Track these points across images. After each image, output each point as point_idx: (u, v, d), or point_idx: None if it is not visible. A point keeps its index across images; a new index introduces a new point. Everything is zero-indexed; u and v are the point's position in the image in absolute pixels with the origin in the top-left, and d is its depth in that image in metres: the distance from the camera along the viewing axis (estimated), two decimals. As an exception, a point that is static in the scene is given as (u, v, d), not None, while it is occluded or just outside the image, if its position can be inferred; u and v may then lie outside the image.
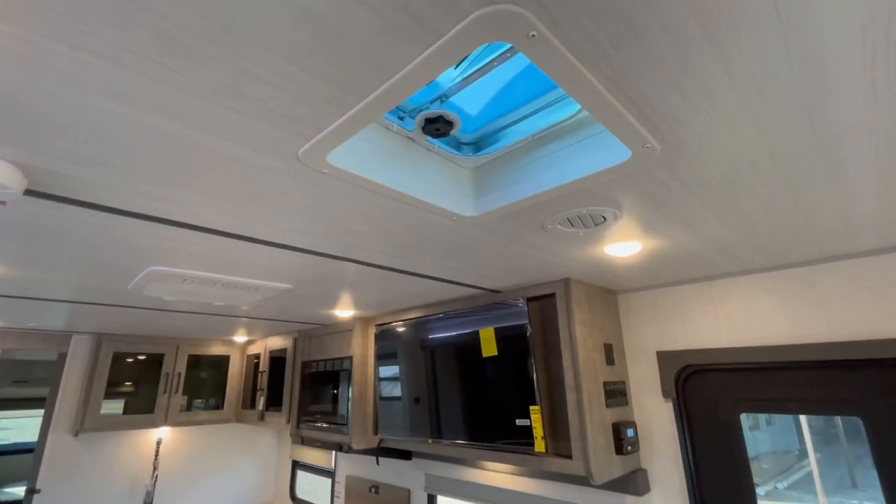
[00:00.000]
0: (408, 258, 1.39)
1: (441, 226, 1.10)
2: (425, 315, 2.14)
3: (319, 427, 2.61)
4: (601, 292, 1.83)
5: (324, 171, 0.80)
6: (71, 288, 1.73)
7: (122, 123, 0.65)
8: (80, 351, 3.07)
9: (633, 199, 0.97)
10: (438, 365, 2.02)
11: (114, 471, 3.07)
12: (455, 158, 1.03)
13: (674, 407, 1.69)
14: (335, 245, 1.24)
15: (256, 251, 1.28)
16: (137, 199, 0.90)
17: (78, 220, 1.02)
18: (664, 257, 1.42)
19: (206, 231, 1.10)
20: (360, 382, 2.45)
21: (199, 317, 2.47)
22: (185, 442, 3.42)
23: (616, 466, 1.59)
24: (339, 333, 2.66)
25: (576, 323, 1.62)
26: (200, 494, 3.40)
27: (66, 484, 2.88)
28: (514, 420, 1.68)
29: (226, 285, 1.62)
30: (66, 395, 2.98)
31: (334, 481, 3.16)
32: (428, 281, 1.70)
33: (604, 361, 1.71)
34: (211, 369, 3.50)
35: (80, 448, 2.98)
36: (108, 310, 2.21)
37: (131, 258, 1.33)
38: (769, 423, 5.87)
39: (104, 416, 2.90)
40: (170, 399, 3.14)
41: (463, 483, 2.30)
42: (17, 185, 0.79)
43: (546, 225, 1.10)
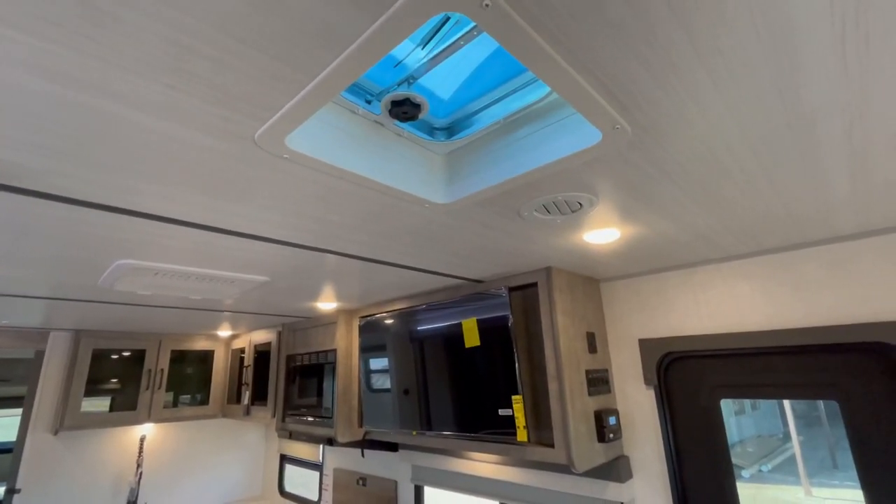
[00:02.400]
0: (383, 248, 1.36)
1: (414, 214, 1.08)
2: (409, 307, 2.12)
3: (305, 421, 2.58)
4: (583, 281, 1.82)
5: (284, 156, 0.76)
6: (41, 284, 1.67)
7: (59, 105, 0.61)
8: (58, 348, 3.00)
9: (609, 185, 0.95)
10: (422, 356, 2.00)
11: (96, 469, 3.03)
12: (427, 144, 1.00)
13: (655, 394, 1.69)
14: (308, 235, 1.21)
15: (227, 242, 1.25)
16: (90, 188, 0.86)
17: (32, 212, 0.97)
18: (644, 244, 1.40)
19: (170, 221, 1.06)
20: (345, 375, 2.43)
21: (180, 311, 2.42)
22: (170, 438, 3.37)
23: (598, 454, 1.59)
24: (323, 326, 2.63)
25: (558, 312, 1.61)
26: (187, 491, 3.37)
27: (47, 483, 2.83)
28: (496, 410, 1.67)
29: (200, 278, 1.58)
30: (44, 393, 2.92)
31: (322, 474, 3.15)
32: (407, 271, 1.67)
33: (586, 350, 1.70)
34: (195, 364, 3.45)
35: (61, 447, 2.92)
36: (83, 306, 2.15)
37: (96, 252, 1.28)
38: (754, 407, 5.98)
39: (85, 414, 2.85)
40: (153, 395, 3.09)
41: (449, 473, 2.30)
42: (-43, 174, 0.75)
43: (522, 212, 1.08)
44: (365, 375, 2.29)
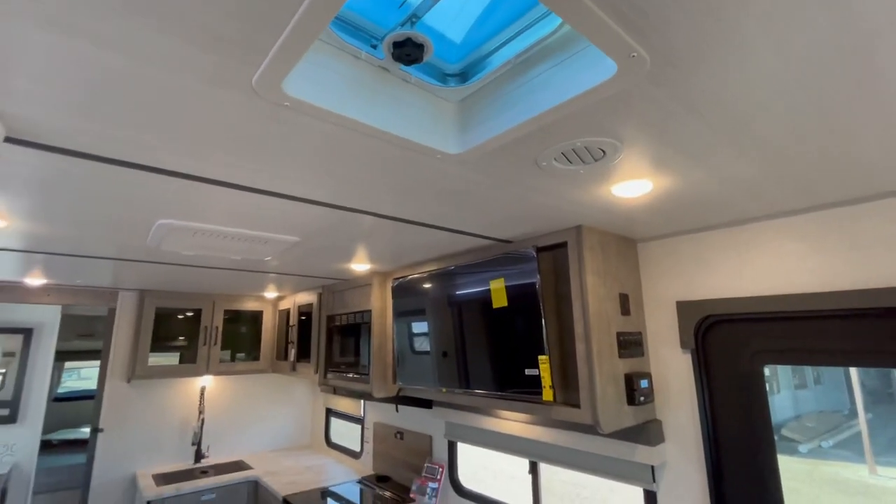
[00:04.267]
0: (406, 206, 1.35)
1: (428, 166, 1.05)
2: (439, 268, 2.13)
3: (345, 377, 2.71)
4: (618, 241, 1.73)
5: (285, 103, 0.76)
6: (102, 244, 1.82)
7: (62, 55, 0.63)
8: (126, 306, 3.30)
9: (631, 127, 0.87)
10: (451, 316, 2.01)
11: (165, 414, 3.37)
12: (438, 91, 0.96)
13: (692, 358, 1.61)
14: (325, 192, 1.22)
15: (252, 201, 1.28)
16: (109, 144, 0.90)
17: (67, 171, 1.04)
18: (681, 199, 1.30)
19: (194, 179, 1.10)
20: (380, 334, 2.50)
21: (228, 273, 2.57)
22: (227, 390, 3.68)
23: (627, 416, 1.56)
24: (359, 288, 2.71)
25: (587, 272, 1.55)
26: (243, 438, 3.69)
27: (123, 425, 3.20)
28: (523, 370, 1.66)
29: (236, 238, 1.65)
30: (117, 346, 3.25)
31: (363, 427, 3.33)
32: (435, 231, 1.66)
33: (618, 311, 1.64)
34: (247, 323, 3.70)
35: (134, 394, 3.27)
36: (142, 266, 2.34)
37: (139, 212, 1.37)
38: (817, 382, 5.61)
39: (152, 366, 3.15)
40: (209, 350, 3.36)
41: (480, 431, 2.35)
42: (-5, 132, 0.80)
43: (540, 161, 1.02)
44: (397, 335, 2.35)
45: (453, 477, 2.54)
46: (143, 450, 3.24)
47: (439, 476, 2.52)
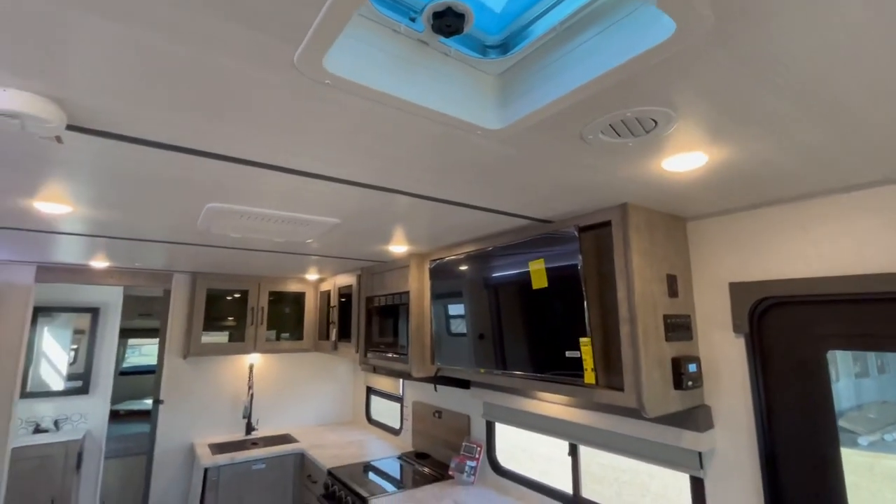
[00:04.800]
0: (444, 185, 1.33)
1: (468, 143, 1.03)
2: (476, 249, 2.11)
3: (385, 356, 2.77)
4: (666, 219, 1.65)
5: (325, 81, 0.75)
6: (156, 228, 1.92)
7: (118, 42, 0.65)
8: (180, 287, 3.50)
9: (688, 94, 0.81)
10: (490, 298, 2.00)
11: (218, 388, 3.58)
12: (479, 63, 0.93)
13: (746, 342, 1.53)
14: (369, 173, 1.22)
15: (295, 183, 1.30)
16: (160, 128, 0.93)
17: (123, 157, 1.09)
18: (738, 172, 1.21)
19: (239, 162, 1.13)
20: (417, 315, 2.53)
21: (271, 255, 2.66)
22: (273, 367, 3.85)
23: (673, 401, 1.50)
24: (397, 269, 2.74)
25: (633, 252, 1.49)
26: (289, 412, 3.87)
27: (181, 397, 3.43)
28: (564, 352, 1.63)
29: (279, 220, 1.70)
30: (173, 325, 3.46)
31: (402, 406, 3.41)
32: (473, 212, 1.64)
33: (665, 293, 1.57)
34: (290, 305, 3.84)
35: (189, 369, 3.49)
36: (193, 249, 2.45)
37: (187, 196, 1.42)
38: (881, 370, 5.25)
39: (205, 344, 3.34)
40: (256, 330, 3.52)
41: (519, 412, 2.35)
42: (57, 120, 0.84)
43: (585, 135, 0.97)
44: (435, 316, 2.37)
45: (491, 456, 2.56)
46: (199, 421, 3.47)
47: (478, 455, 2.55)
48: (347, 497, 2.50)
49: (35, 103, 0.79)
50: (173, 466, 3.33)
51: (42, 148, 1.04)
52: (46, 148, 1.04)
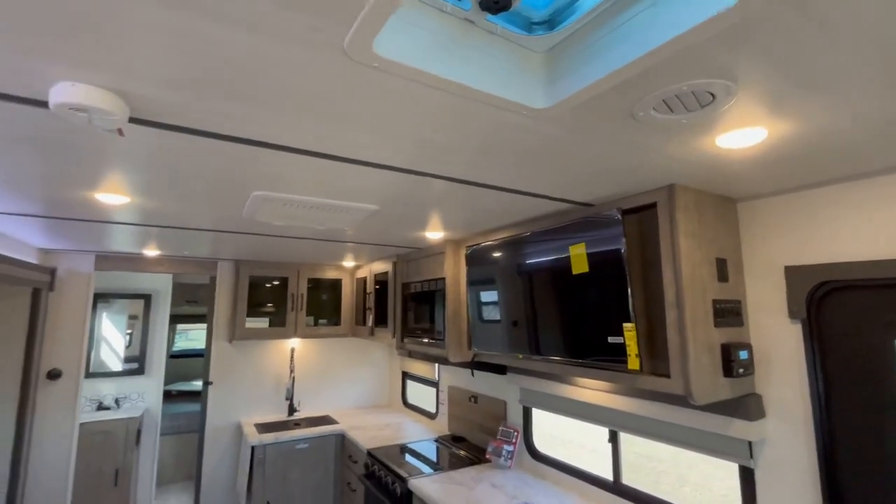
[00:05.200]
0: (485, 169, 1.32)
1: (512, 125, 1.01)
2: (514, 235, 2.09)
3: (421, 342, 2.81)
4: (715, 200, 1.58)
5: (374, 64, 0.75)
6: (203, 217, 2.00)
7: (177, 32, 0.67)
8: (225, 275, 3.65)
9: (751, 63, 0.76)
10: (527, 283, 1.98)
11: (262, 371, 3.74)
12: (525, 41, 0.90)
13: (803, 329, 1.45)
14: (408, 158, 1.22)
15: (337, 170, 1.32)
16: (212, 118, 0.96)
17: (179, 147, 1.13)
18: (800, 147, 1.14)
19: (281, 149, 1.15)
20: (454, 301, 2.54)
21: (310, 242, 2.73)
22: (313, 352, 3.98)
23: (722, 388, 1.45)
24: (432, 256, 2.75)
25: (680, 235, 1.44)
26: (328, 395, 4.00)
27: (229, 378, 3.60)
28: (606, 338, 1.60)
29: (320, 208, 1.73)
30: (219, 310, 3.62)
31: (438, 390, 3.46)
32: (511, 196, 1.62)
33: (714, 277, 1.51)
34: (328, 291, 3.94)
35: (235, 352, 3.65)
36: (237, 237, 2.55)
37: (235, 184, 1.47)
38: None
39: (249, 328, 3.48)
40: (296, 315, 3.64)
41: (557, 398, 2.34)
42: (121, 112, 0.89)
43: (637, 112, 0.94)
44: (471, 302, 2.37)
45: (528, 441, 2.57)
46: (245, 401, 3.64)
47: (514, 440, 2.56)
48: (387, 477, 2.57)
49: (101, 97, 0.83)
50: (222, 443, 3.52)
51: (104, 141, 1.10)
52: (108, 141, 1.10)
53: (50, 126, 1.01)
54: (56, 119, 0.97)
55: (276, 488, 3.11)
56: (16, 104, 0.90)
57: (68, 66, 0.76)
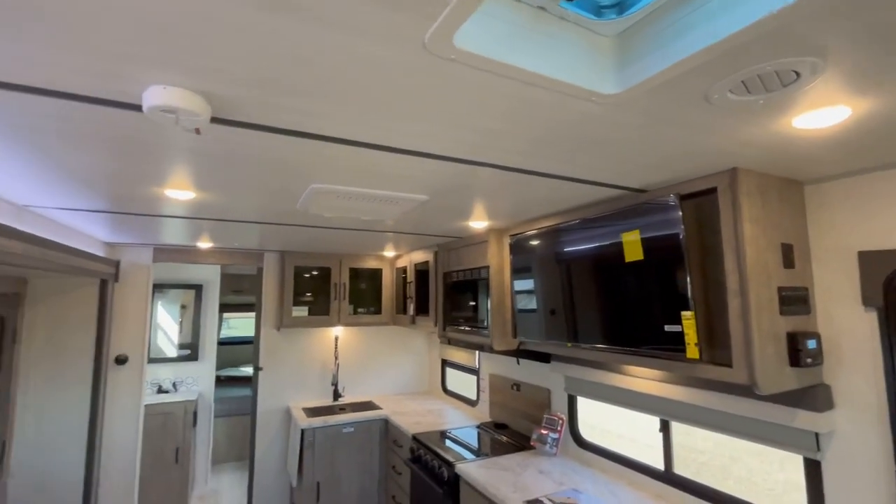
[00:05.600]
0: (542, 157, 1.31)
1: (579, 112, 1.00)
2: (562, 222, 2.07)
3: (463, 330, 2.84)
4: (780, 183, 1.51)
5: (451, 56, 0.76)
6: (255, 210, 2.08)
7: (261, 31, 0.70)
8: (271, 265, 3.79)
9: (846, 38, 0.73)
10: (576, 272, 1.97)
11: (308, 357, 3.88)
12: (595, 26, 0.89)
13: (879, 317, 1.38)
14: (466, 148, 1.23)
15: (392, 161, 1.35)
16: (286, 114, 1.00)
17: (248, 143, 1.18)
18: (886, 126, 1.08)
19: (345, 143, 1.18)
20: (498, 290, 2.55)
21: (352, 233, 2.79)
22: (355, 340, 4.09)
23: (788, 378, 1.41)
24: (475, 245, 2.76)
25: (744, 220, 1.39)
26: (371, 382, 4.12)
27: (278, 364, 3.76)
28: (662, 326, 1.58)
29: (371, 199, 1.77)
30: (267, 300, 3.77)
31: (479, 378, 3.49)
32: (564, 183, 1.60)
33: (780, 264, 1.46)
34: (368, 281, 4.02)
35: (283, 340, 3.80)
36: (285, 229, 2.64)
37: (295, 178, 1.52)
38: None
39: (295, 317, 3.61)
40: (339, 304, 3.74)
41: (603, 386, 2.32)
42: (205, 112, 0.93)
43: (711, 95, 0.91)
44: (516, 291, 2.37)
45: (574, 429, 2.57)
46: (293, 386, 3.80)
47: (559, 427, 2.56)
48: (434, 461, 2.64)
49: (189, 98, 0.88)
50: (272, 425, 3.69)
51: (180, 139, 1.16)
52: (183, 139, 1.16)
53: (132, 127, 1.07)
54: (140, 120, 1.03)
55: (326, 470, 3.25)
56: (109, 108, 0.96)
57: (161, 70, 0.81)
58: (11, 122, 1.04)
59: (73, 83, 0.85)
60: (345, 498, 3.28)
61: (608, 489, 2.10)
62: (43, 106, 0.95)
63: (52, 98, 0.92)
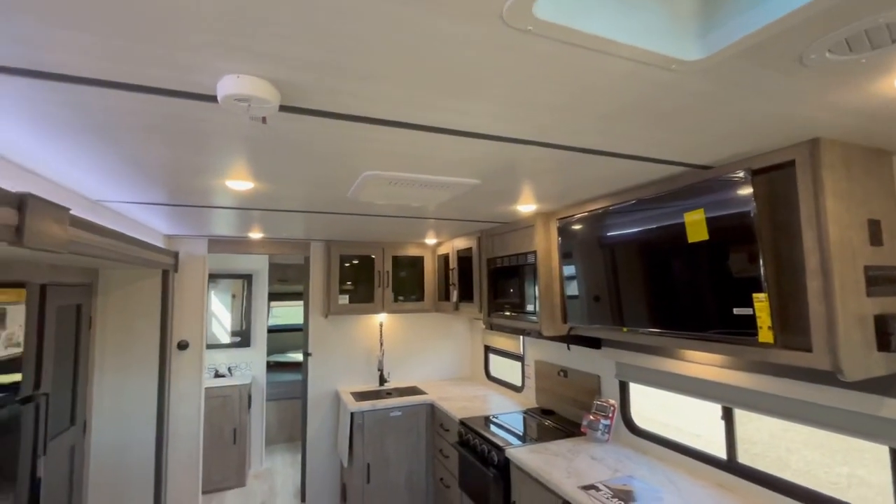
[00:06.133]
0: (606, 134, 1.26)
1: (654, 82, 0.94)
2: (614, 204, 2.00)
3: (508, 316, 2.82)
4: (866, 154, 1.39)
5: (528, 28, 0.73)
6: (305, 199, 2.12)
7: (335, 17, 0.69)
8: (317, 254, 3.88)
9: (981, -18, 0.64)
10: (631, 255, 1.90)
11: (355, 343, 3.98)
12: (674, -11, 0.83)
13: (983, 298, 1.26)
14: (528, 127, 1.20)
15: (449, 144, 1.33)
16: (349, 99, 1.00)
17: (307, 130, 1.19)
18: None
19: (405, 126, 1.17)
20: (546, 275, 2.51)
21: (396, 220, 2.81)
22: (399, 326, 4.16)
23: (876, 364, 1.31)
24: (520, 230, 2.72)
25: (827, 195, 1.29)
26: (414, 367, 4.18)
27: (326, 350, 3.87)
28: (730, 309, 1.50)
29: (422, 185, 1.76)
30: (314, 288, 3.88)
31: (524, 364, 3.47)
32: (624, 162, 1.54)
33: (866, 241, 1.35)
34: (409, 269, 4.05)
35: (330, 326, 3.91)
36: (330, 218, 2.68)
37: (349, 165, 1.53)
38: None
39: (341, 304, 3.70)
40: (383, 292, 3.80)
41: (658, 372, 2.25)
42: (275, 100, 0.95)
43: (807, 56, 0.84)
44: (566, 275, 2.32)
45: (626, 416, 2.52)
46: (341, 371, 3.91)
47: (611, 414, 2.52)
48: (483, 445, 2.65)
49: (261, 86, 0.89)
50: (322, 408, 3.82)
51: (242, 129, 1.19)
52: (247, 129, 1.18)
53: (198, 118, 1.10)
54: (207, 111, 1.06)
55: (375, 451, 3.34)
56: (182, 100, 0.99)
57: (235, 59, 0.82)
58: (94, 119, 1.10)
59: (152, 76, 0.88)
60: (393, 478, 3.37)
61: (666, 477, 2.05)
62: (122, 101, 1.00)
63: (132, 92, 0.95)
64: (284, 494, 4.01)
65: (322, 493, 3.78)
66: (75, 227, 1.48)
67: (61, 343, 2.31)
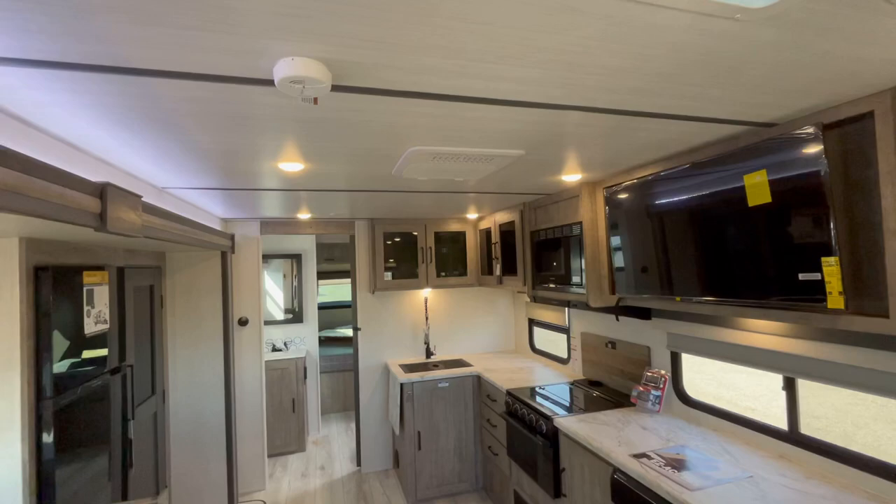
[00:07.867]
0: (659, 94, 1.20)
1: (717, 35, 0.89)
2: (664, 169, 1.92)
3: (553, 288, 2.81)
4: (959, 100, 1.25)
5: (581, -15, 0.71)
6: (350, 178, 2.18)
7: (396, -15, 0.70)
8: (362, 233, 3.99)
9: None
10: (685, 221, 1.83)
11: (401, 318, 4.10)
12: (740, -71, 0.77)
13: None
14: (576, 93, 1.17)
15: (495, 114, 1.32)
16: (397, 74, 1.01)
17: (355, 109, 1.22)
18: None
19: (451, 99, 1.17)
20: (592, 245, 2.47)
21: (438, 196, 2.83)
22: (443, 301, 4.23)
23: (965, 330, 1.21)
24: (564, 201, 2.67)
25: (910, 147, 1.18)
26: (459, 340, 4.26)
27: (374, 325, 4.02)
28: (795, 275, 1.43)
29: (467, 158, 1.76)
30: (360, 266, 4.00)
31: (569, 336, 3.46)
32: (678, 123, 1.47)
33: (956, 197, 1.23)
34: (451, 244, 4.09)
35: (377, 302, 4.04)
36: (376, 196, 2.74)
37: (395, 141, 1.56)
38: None
39: (387, 281, 3.80)
40: (427, 267, 3.86)
41: (713, 343, 2.18)
42: (327, 80, 0.97)
43: (894, -8, 0.76)
44: (614, 245, 2.27)
45: (678, 387, 2.47)
46: (389, 345, 4.05)
47: (662, 385, 2.48)
48: (531, 415, 2.70)
49: (314, 67, 0.92)
50: (372, 380, 4.00)
51: (294, 111, 1.23)
52: (297, 110, 1.22)
53: (252, 102, 1.15)
54: (262, 94, 1.10)
55: (425, 420, 3.47)
56: (241, 85, 1.04)
57: (291, 40, 0.85)
58: (162, 108, 1.17)
59: (217, 64, 0.93)
60: (443, 446, 3.50)
61: (722, 447, 2.01)
62: (187, 90, 1.05)
63: (197, 81, 1.01)
64: (342, 458, 4.28)
65: (375, 458, 3.99)
66: (147, 213, 1.60)
67: (139, 320, 2.53)
